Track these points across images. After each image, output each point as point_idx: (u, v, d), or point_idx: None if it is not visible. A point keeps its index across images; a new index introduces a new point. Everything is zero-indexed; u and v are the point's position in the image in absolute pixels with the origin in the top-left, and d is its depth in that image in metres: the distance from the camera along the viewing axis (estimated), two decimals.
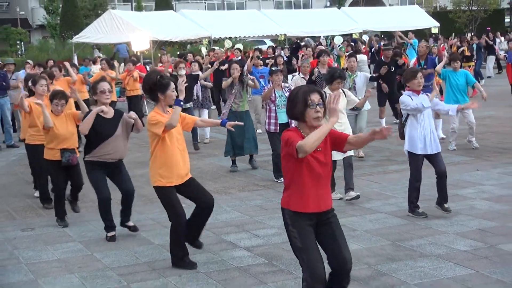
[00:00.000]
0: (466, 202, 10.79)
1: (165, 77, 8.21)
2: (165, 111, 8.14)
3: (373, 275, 7.83)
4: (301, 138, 5.81)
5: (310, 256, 5.88)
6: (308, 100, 5.87)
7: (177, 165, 8.13)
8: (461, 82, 14.60)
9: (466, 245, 8.75)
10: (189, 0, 73.73)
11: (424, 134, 10.01)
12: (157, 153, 8.11)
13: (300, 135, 5.89)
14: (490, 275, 7.68)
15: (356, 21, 38.35)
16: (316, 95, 5.92)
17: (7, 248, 9.54)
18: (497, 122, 18.63)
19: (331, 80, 11.14)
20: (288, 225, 5.99)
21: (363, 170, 13.47)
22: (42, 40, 53.94)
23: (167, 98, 8.08)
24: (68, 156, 10.42)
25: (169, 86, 8.06)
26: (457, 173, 12.31)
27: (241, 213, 10.84)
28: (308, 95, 5.89)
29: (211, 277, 8.00)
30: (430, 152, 10.04)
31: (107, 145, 9.27)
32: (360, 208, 10.77)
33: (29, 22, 68.37)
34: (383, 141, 16.80)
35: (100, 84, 9.41)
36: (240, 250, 8.99)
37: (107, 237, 9.65)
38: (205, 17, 37.23)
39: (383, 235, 9.36)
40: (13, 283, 8.11)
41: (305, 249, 5.90)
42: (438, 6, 65.78)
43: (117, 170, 9.66)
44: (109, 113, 9.48)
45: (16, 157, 17.09)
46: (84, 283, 8.03)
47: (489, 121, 18.64)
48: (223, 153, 14.42)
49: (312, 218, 5.95)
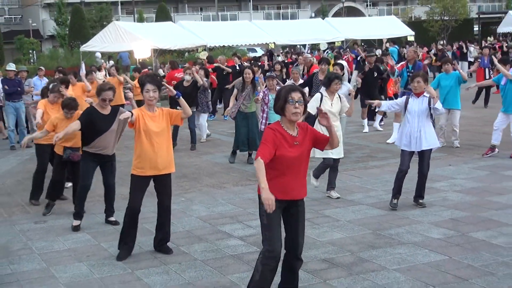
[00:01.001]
0: (439, 194, 10.82)
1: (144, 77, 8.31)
2: (149, 109, 8.21)
3: (356, 261, 7.85)
4: (279, 133, 6.04)
5: (272, 233, 6.08)
6: (288, 97, 6.04)
7: (151, 158, 8.15)
8: (452, 84, 14.58)
9: (439, 233, 8.77)
10: (187, 12, 73.68)
11: (411, 133, 10.01)
12: (135, 145, 8.22)
13: (280, 128, 6.09)
14: (462, 260, 7.70)
15: (338, 30, 38.35)
16: (297, 93, 6.09)
17: (22, 239, 9.52)
18: (467, 121, 18.67)
19: (329, 82, 10.96)
20: (261, 204, 6.06)
21: (346, 166, 13.48)
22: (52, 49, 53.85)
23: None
24: (68, 153, 10.60)
25: (144, 85, 8.07)
26: (431, 168, 12.30)
27: (235, 205, 10.84)
28: (289, 93, 6.08)
29: (208, 264, 8.00)
30: (413, 149, 10.07)
31: (102, 139, 9.28)
32: (343, 201, 10.79)
33: (41, 33, 68.18)
34: (364, 139, 16.86)
35: (105, 92, 9.40)
36: (234, 239, 8.99)
37: (72, 226, 9.82)
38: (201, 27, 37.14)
39: (365, 224, 9.37)
40: (27, 271, 8.09)
41: (269, 227, 6.08)
42: (413, 16, 65.83)
43: (108, 163, 9.78)
44: (107, 110, 9.52)
45: (29, 156, 17.02)
46: (92, 270, 8.02)
47: (460, 121, 18.62)
48: (218, 152, 14.41)
49: (283, 203, 6.09)
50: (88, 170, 9.66)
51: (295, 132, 6.16)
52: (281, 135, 6.06)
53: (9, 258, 8.65)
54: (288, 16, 73.54)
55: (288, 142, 6.07)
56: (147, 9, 66.77)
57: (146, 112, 8.13)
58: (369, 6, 78.41)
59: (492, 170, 12.40)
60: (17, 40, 55.81)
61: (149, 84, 8.04)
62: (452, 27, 56.11)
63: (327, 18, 48.25)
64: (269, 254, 6.07)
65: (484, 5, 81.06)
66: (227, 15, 71.32)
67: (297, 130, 6.19)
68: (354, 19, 48.44)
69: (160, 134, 8.19)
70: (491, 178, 11.84)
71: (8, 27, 69.24)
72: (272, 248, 6.06)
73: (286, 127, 6.12)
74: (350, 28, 39.20)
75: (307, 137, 6.20)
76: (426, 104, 9.98)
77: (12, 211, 11.27)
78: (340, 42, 38.04)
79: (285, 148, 6.02)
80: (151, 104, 8.13)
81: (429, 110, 9.98)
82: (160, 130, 8.19)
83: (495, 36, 47.44)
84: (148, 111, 8.15)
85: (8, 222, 10.56)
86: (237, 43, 36.34)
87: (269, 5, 79.22)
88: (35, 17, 69.62)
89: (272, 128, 6.09)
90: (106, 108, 9.53)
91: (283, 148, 6.01)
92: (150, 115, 8.14)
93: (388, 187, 11.49)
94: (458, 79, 14.75)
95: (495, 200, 10.34)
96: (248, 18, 57.96)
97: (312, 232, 9.11)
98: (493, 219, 9.33)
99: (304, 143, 6.16)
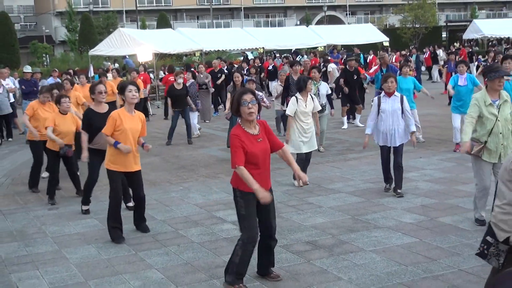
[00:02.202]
0: (411, 184, 10.83)
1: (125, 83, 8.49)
2: (129, 110, 8.31)
3: (336, 243, 7.85)
4: (243, 134, 6.07)
5: (250, 222, 6.19)
6: (241, 99, 6.06)
7: (124, 157, 8.23)
8: (409, 87, 14.51)
9: (411, 218, 8.79)
10: (185, 20, 73.41)
11: (387, 130, 10.03)
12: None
13: (242, 130, 6.11)
14: (431, 242, 7.72)
15: (321, 37, 38.27)
16: (249, 95, 6.10)
17: (36, 224, 9.49)
18: (437, 118, 18.70)
19: (305, 84, 10.88)
20: (237, 198, 6.22)
21: (327, 158, 13.49)
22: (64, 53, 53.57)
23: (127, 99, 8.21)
24: (65, 150, 10.66)
25: (126, 87, 8.20)
26: (404, 160, 12.33)
27: (228, 194, 10.79)
28: (241, 96, 6.09)
29: (204, 246, 8.00)
30: (389, 145, 10.09)
31: (99, 136, 9.23)
32: (325, 189, 10.79)
33: (53, 38, 67.82)
34: (343, 134, 16.88)
35: (97, 86, 9.56)
36: (227, 224, 8.98)
37: (83, 211, 9.98)
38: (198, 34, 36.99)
39: (344, 210, 9.38)
40: (42, 253, 8.07)
41: (248, 217, 6.18)
42: (388, 24, 65.79)
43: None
44: (103, 108, 9.52)
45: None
46: (99, 252, 8.00)
47: (430, 118, 18.71)
48: (213, 145, 14.36)
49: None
50: (94, 165, 9.66)
51: (257, 129, 6.20)
52: (245, 136, 6.08)
53: (25, 241, 8.63)
54: (276, 23, 73.35)
55: (251, 140, 6.09)
56: (149, 17, 66.48)
57: (124, 113, 8.29)
58: (349, 15, 78.31)
59: (458, 162, 12.43)
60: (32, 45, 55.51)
61: (130, 85, 8.21)
62: (422, 34, 56.09)
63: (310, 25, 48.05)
64: (248, 241, 6.16)
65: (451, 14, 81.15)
66: (221, 23, 71.11)
67: (258, 127, 6.23)
68: (335, 26, 48.39)
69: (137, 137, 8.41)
70: (457, 169, 11.87)
71: (23, 33, 68.94)
72: (251, 234, 6.16)
73: (247, 126, 6.14)
74: (331, 35, 39.13)
75: (266, 134, 6.26)
76: (399, 103, 9.99)
77: (27, 199, 11.23)
78: (322, 47, 38.00)
79: (252, 145, 6.06)
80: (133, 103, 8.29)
81: (401, 109, 9.99)
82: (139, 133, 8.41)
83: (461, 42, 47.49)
84: (127, 112, 8.31)
85: (24, 209, 10.53)
86: (230, 48, 36.31)
87: (258, 13, 79.09)
88: (48, 24, 69.29)
89: (235, 134, 6.09)
90: (102, 106, 9.52)
91: (250, 146, 6.04)
92: (128, 116, 8.28)
93: (365, 177, 11.51)
94: (414, 83, 14.51)
95: (461, 189, 10.36)
96: (240, 26, 57.77)
97: (297, 217, 9.12)
98: (459, 205, 9.35)
99: (265, 138, 6.23)
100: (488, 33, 42.96)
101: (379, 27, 51.19)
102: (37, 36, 64.19)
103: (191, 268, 7.23)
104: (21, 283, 7.04)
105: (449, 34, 59.38)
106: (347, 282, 6.59)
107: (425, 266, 6.91)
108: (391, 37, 43.39)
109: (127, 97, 8.21)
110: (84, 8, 66.29)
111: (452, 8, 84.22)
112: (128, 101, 8.26)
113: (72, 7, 59.40)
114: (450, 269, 6.80)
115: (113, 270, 7.31)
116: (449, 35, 58.92)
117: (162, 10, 67.38)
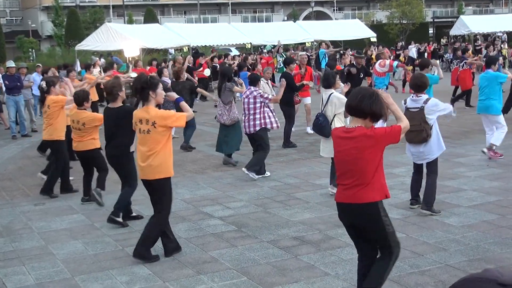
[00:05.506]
0: (398, 179, 10.87)
1: (155, 78, 7.73)
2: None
3: (324, 239, 7.87)
4: None
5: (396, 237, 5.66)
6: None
7: (137, 159, 7.52)
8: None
9: (398, 213, 8.82)
10: (172, 15, 73.22)
11: None
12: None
13: None
14: (418, 238, 7.75)
15: (308, 32, 38.37)
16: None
17: (22, 219, 9.45)
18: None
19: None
20: (381, 215, 5.54)
21: (315, 154, 13.51)
22: (50, 48, 53.44)
23: (158, 96, 7.33)
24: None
25: (159, 84, 7.32)
26: (391, 156, 12.41)
27: (215, 189, 10.82)
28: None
29: (191, 241, 7.99)
30: None
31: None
32: (312, 185, 10.81)
33: (39, 33, 67.40)
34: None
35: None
36: (214, 219, 8.98)
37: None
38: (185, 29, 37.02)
39: (331, 206, 9.37)
40: (28, 249, 8.03)
41: (394, 232, 5.66)
42: (375, 20, 65.96)
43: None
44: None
45: (29, 144, 16.89)
46: (86, 247, 7.97)
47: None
48: (201, 141, 14.30)
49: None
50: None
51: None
52: None
53: (11, 236, 8.59)
54: (263, 19, 73.26)
55: None
56: (136, 12, 66.20)
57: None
58: (336, 10, 78.37)
59: (445, 157, 12.46)
60: (18, 40, 55.25)
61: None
62: (409, 30, 56.34)
63: (298, 21, 48.09)
64: (399, 252, 5.64)
65: (438, 10, 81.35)
66: (208, 18, 70.94)
67: None
68: (322, 22, 48.42)
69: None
70: (444, 165, 11.90)
71: (9, 27, 68.37)
72: (399, 245, 5.67)
73: None
74: (318, 30, 39.23)
75: None
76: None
77: (13, 195, 11.17)
78: (309, 42, 38.05)
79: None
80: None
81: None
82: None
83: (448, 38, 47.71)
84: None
85: (10, 204, 10.48)
86: (217, 43, 36.31)
87: (246, 9, 79.01)
88: (34, 19, 68.86)
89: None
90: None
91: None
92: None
93: None
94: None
95: (448, 184, 10.41)
96: (227, 21, 57.70)
97: (285, 212, 9.12)
98: (446, 201, 9.39)
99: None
100: (475, 29, 43.24)
101: (366, 23, 51.35)
102: (23, 31, 63.77)
103: (178, 263, 7.22)
104: (7, 279, 7.00)
105: (436, 30, 59.67)
106: (334, 277, 6.60)
107: (411, 261, 6.93)
108: (378, 33, 43.56)
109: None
110: (70, 2, 66.09)
111: (439, 4, 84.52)
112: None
113: (59, 1, 59.14)
114: (436, 264, 6.83)
115: (100, 265, 7.29)
116: (436, 31, 59.20)
117: (149, 5, 67.23)
